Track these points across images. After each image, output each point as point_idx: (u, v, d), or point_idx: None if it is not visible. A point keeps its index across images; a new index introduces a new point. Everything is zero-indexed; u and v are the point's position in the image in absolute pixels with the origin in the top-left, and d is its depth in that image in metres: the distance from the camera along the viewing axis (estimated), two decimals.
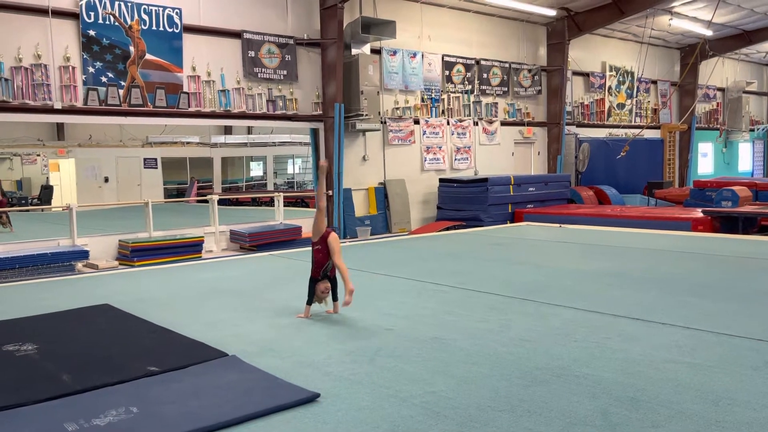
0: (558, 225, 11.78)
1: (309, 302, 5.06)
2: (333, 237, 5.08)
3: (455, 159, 15.64)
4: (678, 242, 9.08)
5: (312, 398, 3.28)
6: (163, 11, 10.85)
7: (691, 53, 19.48)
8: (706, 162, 23.81)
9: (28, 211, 17.90)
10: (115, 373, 3.68)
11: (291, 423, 3.02)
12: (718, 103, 23.93)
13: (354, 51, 13.08)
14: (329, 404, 3.23)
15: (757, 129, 25.43)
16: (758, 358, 3.78)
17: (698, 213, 12.20)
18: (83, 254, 9.51)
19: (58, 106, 9.88)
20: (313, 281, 5.03)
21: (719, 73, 22.63)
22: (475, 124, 16.00)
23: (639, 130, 18.96)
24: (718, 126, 23.87)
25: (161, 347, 4.27)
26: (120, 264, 9.86)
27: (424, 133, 14.98)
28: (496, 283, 6.33)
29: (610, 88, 19.60)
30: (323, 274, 5.02)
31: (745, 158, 25.85)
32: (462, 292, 5.92)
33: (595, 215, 13.12)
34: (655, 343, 4.11)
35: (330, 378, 3.62)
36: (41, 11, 9.77)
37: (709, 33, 18.73)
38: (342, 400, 3.28)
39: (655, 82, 21.29)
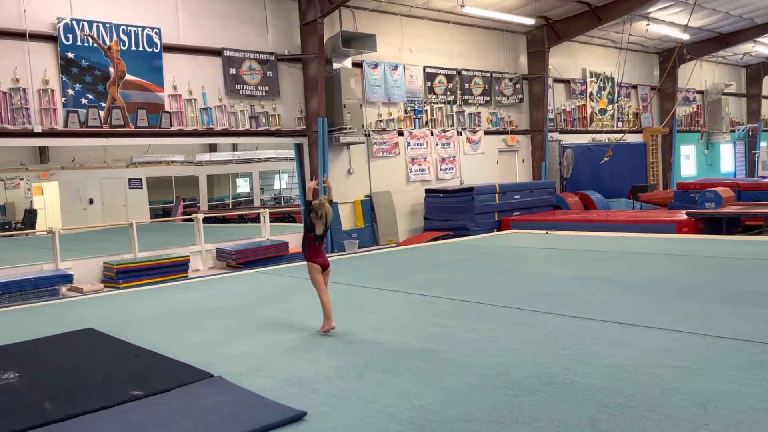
0: (544, 232, 11.82)
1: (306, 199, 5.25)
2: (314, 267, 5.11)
3: (440, 169, 15.68)
4: (663, 245, 9.13)
5: (299, 417, 3.24)
6: (142, 31, 10.82)
7: (669, 57, 19.72)
8: (688, 164, 24.04)
9: (12, 236, 17.69)
10: (99, 399, 3.62)
11: None
12: (698, 106, 24.22)
13: (335, 65, 13.12)
14: (316, 422, 3.19)
15: (738, 130, 25.75)
16: (745, 358, 3.78)
17: (682, 215, 12.29)
18: (67, 278, 9.39)
19: (38, 129, 9.80)
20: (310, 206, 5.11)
21: (698, 76, 22.92)
22: (459, 134, 16.07)
23: (621, 135, 19.13)
24: (699, 128, 24.15)
25: (146, 370, 4.20)
26: (105, 286, 9.75)
27: (409, 144, 15.02)
28: (484, 292, 6.31)
29: (591, 94, 19.79)
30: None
31: (727, 159, 26.14)
32: (450, 303, 5.90)
33: (581, 221, 13.19)
34: (642, 348, 4.11)
35: (317, 395, 3.58)
36: (18, 35, 9.71)
37: (686, 37, 18.98)
38: (329, 417, 3.24)
39: (635, 87, 21.52)
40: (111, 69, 10.50)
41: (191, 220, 11.96)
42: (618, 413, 3.07)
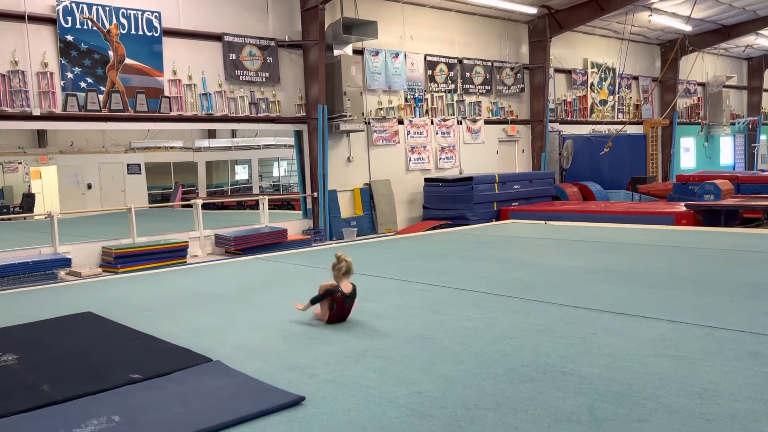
0: (543, 222, 11.82)
1: (313, 301, 4.80)
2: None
3: (440, 158, 15.66)
4: (662, 236, 9.14)
5: (297, 401, 3.25)
6: (142, 15, 10.75)
7: (671, 49, 19.66)
8: (688, 156, 24.04)
9: (10, 219, 17.68)
10: (97, 382, 3.62)
11: (276, 427, 2.99)
12: (698, 98, 24.18)
13: (336, 52, 13.06)
14: (314, 407, 3.20)
15: (738, 123, 25.71)
16: (741, 349, 3.79)
17: (681, 207, 12.31)
18: (65, 262, 9.40)
19: (36, 112, 9.76)
20: (330, 293, 4.72)
21: (699, 68, 22.86)
22: (459, 123, 16.04)
23: (622, 126, 19.12)
24: (700, 120, 24.12)
25: (144, 354, 4.21)
26: (104, 271, 9.76)
27: (409, 133, 14.98)
28: (482, 281, 6.32)
29: (592, 84, 19.73)
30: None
31: (727, 152, 26.13)
32: (448, 291, 5.91)
33: (580, 211, 13.20)
34: (640, 338, 4.12)
35: (315, 380, 3.59)
36: (17, 17, 9.65)
37: (688, 28, 18.92)
38: (327, 402, 3.25)
39: (636, 78, 21.46)
40: (110, 53, 10.45)
41: (190, 206, 11.95)
42: (615, 402, 3.08)
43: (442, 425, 2.91)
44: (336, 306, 4.77)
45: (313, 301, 4.81)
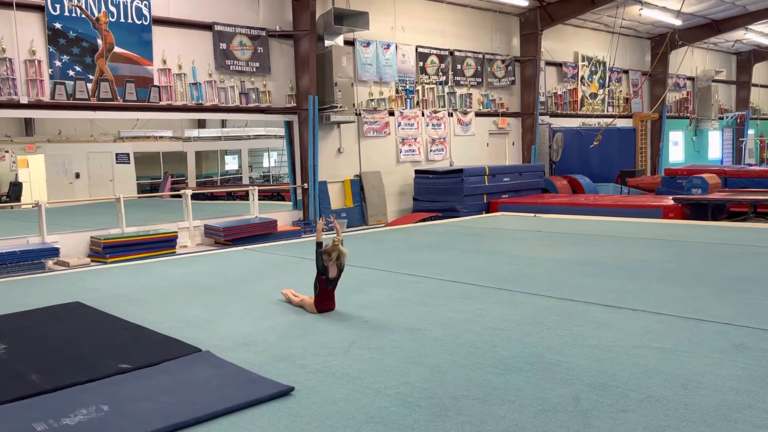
0: (532, 214, 11.87)
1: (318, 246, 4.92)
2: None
3: (430, 150, 15.67)
4: (649, 230, 9.21)
5: (286, 392, 3.26)
6: (131, 3, 10.66)
7: (661, 43, 19.73)
8: (676, 150, 24.20)
9: None
10: (86, 372, 3.62)
11: (265, 417, 3.01)
12: (688, 92, 24.31)
13: (327, 42, 13.01)
14: (304, 397, 3.22)
15: (726, 117, 25.89)
16: (726, 341, 3.85)
17: (669, 201, 12.40)
18: (53, 251, 9.34)
19: (24, 100, 9.68)
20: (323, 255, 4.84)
21: (689, 62, 22.97)
22: (450, 115, 16.04)
23: (611, 120, 19.19)
24: (689, 115, 24.26)
25: (133, 344, 4.21)
26: (92, 261, 9.71)
27: (399, 124, 14.97)
28: (471, 273, 6.35)
29: (582, 78, 19.78)
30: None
31: (715, 146, 26.33)
32: (437, 283, 5.94)
33: (569, 204, 13.27)
34: (626, 330, 4.17)
35: (305, 371, 3.60)
36: (5, 4, 9.55)
37: (678, 22, 18.99)
38: (317, 393, 3.27)
39: (626, 72, 21.54)
40: (99, 41, 10.35)
41: (179, 196, 11.90)
42: (601, 392, 3.12)
43: (430, 415, 2.94)
44: (319, 286, 4.87)
45: (318, 247, 4.89)
